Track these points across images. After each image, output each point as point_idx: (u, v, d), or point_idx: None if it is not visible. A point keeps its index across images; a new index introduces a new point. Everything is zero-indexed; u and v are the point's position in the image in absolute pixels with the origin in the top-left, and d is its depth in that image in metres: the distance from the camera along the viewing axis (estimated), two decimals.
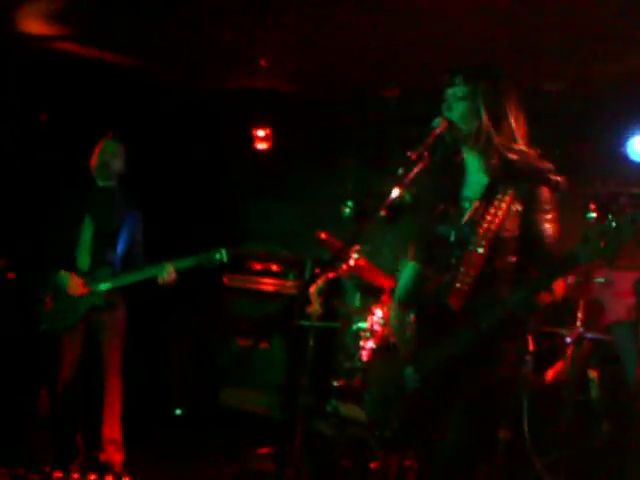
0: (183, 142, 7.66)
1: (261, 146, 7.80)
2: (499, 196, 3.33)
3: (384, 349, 3.67)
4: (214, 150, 7.93)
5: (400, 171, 3.28)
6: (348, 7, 5.26)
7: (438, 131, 3.34)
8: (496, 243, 3.30)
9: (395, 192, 3.30)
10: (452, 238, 3.41)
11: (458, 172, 3.50)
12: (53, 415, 5.42)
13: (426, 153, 3.31)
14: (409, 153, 3.29)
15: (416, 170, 3.29)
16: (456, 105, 3.37)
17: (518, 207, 3.32)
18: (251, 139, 7.80)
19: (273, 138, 7.79)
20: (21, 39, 6.35)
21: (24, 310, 5.51)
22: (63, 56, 6.71)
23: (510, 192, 3.32)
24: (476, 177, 3.45)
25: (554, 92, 6.28)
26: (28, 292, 5.49)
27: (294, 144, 7.82)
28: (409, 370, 3.40)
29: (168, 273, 5.29)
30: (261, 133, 7.75)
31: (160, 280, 5.29)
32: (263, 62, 6.40)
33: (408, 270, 3.66)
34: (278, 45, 6.11)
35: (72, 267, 5.38)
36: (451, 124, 3.37)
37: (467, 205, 3.42)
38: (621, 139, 6.24)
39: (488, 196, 3.36)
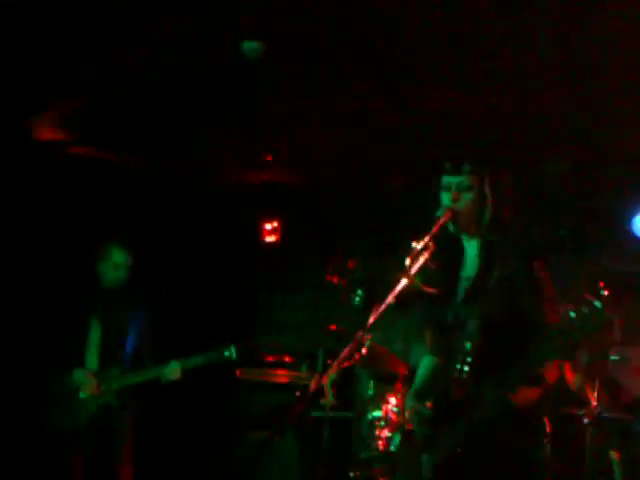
0: (192, 237, 7.74)
1: (270, 239, 7.91)
2: (493, 275, 3.37)
3: (407, 437, 3.69)
4: (224, 244, 8.00)
5: (407, 261, 3.34)
6: (350, 102, 5.39)
7: (442, 221, 3.41)
8: (493, 325, 3.33)
9: (403, 282, 3.37)
10: (449, 318, 3.46)
11: (457, 256, 3.56)
12: None
13: (431, 243, 3.37)
14: (414, 243, 3.36)
15: (422, 260, 3.35)
16: (463, 194, 3.42)
17: (512, 286, 3.34)
18: (260, 232, 7.92)
19: (282, 230, 7.90)
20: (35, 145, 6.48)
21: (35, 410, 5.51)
22: (74, 159, 6.83)
23: (504, 271, 3.36)
24: (473, 260, 3.51)
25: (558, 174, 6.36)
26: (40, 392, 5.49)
27: (302, 235, 7.90)
28: (425, 457, 3.43)
29: (174, 372, 5.35)
30: (269, 226, 7.88)
31: (164, 380, 5.36)
32: (269, 157, 6.54)
33: (425, 362, 3.72)
34: (283, 140, 6.25)
35: (81, 367, 5.40)
36: (456, 213, 3.43)
37: (464, 284, 3.48)
38: (627, 217, 6.30)
39: (483, 276, 3.41)
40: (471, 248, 3.53)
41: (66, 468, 5.31)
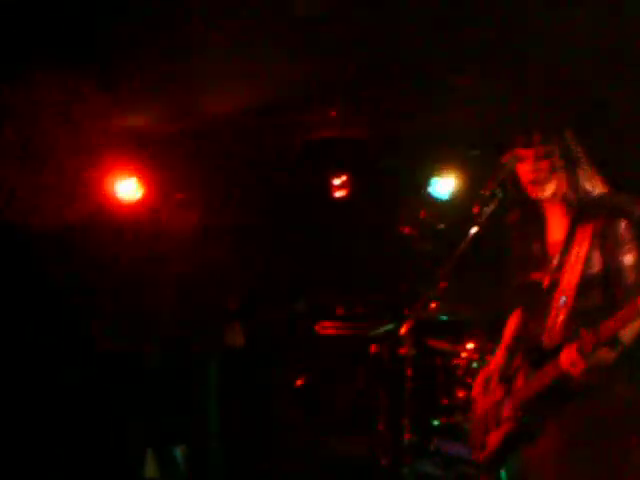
0: (262, 196, 7.81)
1: (339, 193, 7.94)
2: (580, 236, 3.41)
3: (485, 382, 3.79)
4: (294, 201, 8.05)
5: (474, 210, 3.36)
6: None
7: (504, 175, 3.44)
8: (582, 282, 3.37)
9: (472, 230, 3.39)
10: (544, 284, 3.51)
11: (541, 219, 3.61)
12: None
13: (499, 190, 3.39)
14: (482, 191, 3.38)
15: (491, 207, 3.38)
16: (537, 165, 3.45)
17: (598, 243, 3.39)
18: (329, 187, 7.95)
19: (350, 184, 7.92)
20: None
21: None
22: None
23: (589, 230, 3.39)
24: (558, 222, 3.56)
25: None
26: None
27: (372, 188, 7.91)
28: (506, 401, 3.55)
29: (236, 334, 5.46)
30: (338, 181, 7.91)
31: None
32: (333, 113, 6.55)
33: (512, 318, 3.82)
34: (346, 95, 6.24)
35: None
36: (534, 186, 3.47)
37: (553, 250, 3.53)
38: None
39: (570, 238, 3.45)
40: (553, 211, 3.57)
41: None
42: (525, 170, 3.47)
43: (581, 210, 3.45)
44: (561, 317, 3.38)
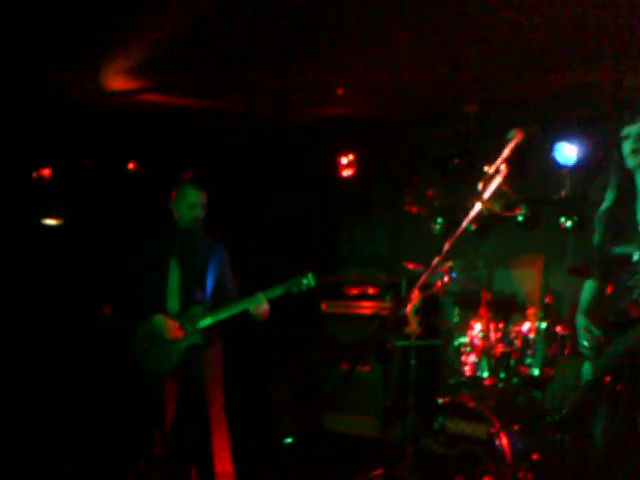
0: (270, 173, 7.81)
1: (347, 172, 7.92)
2: None
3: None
4: (300, 180, 8.05)
5: (479, 186, 3.34)
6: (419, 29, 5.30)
7: (514, 144, 3.41)
8: None
9: (477, 206, 3.37)
10: (636, 257, 3.61)
11: (630, 195, 3.71)
12: (166, 454, 5.52)
13: (504, 166, 3.37)
14: (486, 167, 3.36)
15: (495, 183, 3.35)
16: None
17: None
18: (337, 166, 7.93)
19: (358, 163, 7.90)
20: (102, 95, 6.56)
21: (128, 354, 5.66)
22: (145, 107, 6.91)
23: None
24: None
25: None
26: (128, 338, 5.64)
27: (379, 167, 7.89)
28: (587, 365, 3.77)
29: (260, 304, 5.39)
30: (345, 160, 7.88)
31: (252, 312, 5.41)
32: (340, 91, 6.50)
33: (588, 286, 3.95)
34: (354, 73, 6.20)
35: (162, 310, 5.48)
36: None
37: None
38: None
39: None
40: None
41: (162, 408, 5.49)
42: (628, 148, 3.62)
43: None
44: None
